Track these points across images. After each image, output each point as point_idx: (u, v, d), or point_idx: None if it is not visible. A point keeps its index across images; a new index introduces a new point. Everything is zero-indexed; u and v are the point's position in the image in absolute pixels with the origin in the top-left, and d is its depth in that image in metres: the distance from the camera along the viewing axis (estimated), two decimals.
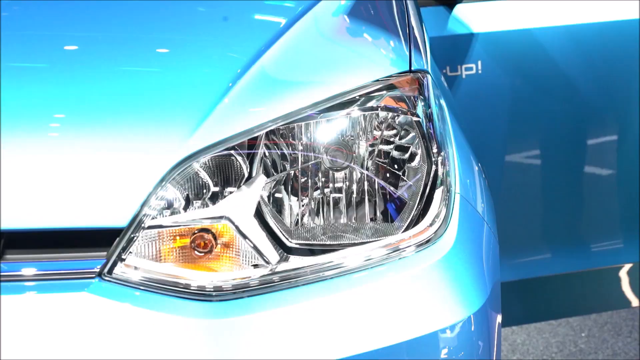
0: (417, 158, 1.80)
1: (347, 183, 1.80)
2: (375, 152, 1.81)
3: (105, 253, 1.62)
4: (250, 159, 1.71)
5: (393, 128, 1.81)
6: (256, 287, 1.65)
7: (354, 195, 1.80)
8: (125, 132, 1.65)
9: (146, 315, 1.59)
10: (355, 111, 1.77)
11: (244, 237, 1.66)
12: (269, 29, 1.89)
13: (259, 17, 2.01)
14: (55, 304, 1.57)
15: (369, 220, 1.79)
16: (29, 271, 1.61)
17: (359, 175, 1.81)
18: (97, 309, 1.58)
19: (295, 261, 1.68)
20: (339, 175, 1.80)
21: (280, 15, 1.95)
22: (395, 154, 1.81)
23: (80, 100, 1.69)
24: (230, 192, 1.69)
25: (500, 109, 2.87)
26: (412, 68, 1.87)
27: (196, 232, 1.68)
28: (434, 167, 1.78)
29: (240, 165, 1.71)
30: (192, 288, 1.64)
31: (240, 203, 1.67)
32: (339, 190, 1.80)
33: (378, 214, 1.79)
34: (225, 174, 1.71)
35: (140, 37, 1.87)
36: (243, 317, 1.61)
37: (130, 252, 1.63)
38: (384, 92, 1.79)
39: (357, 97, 1.77)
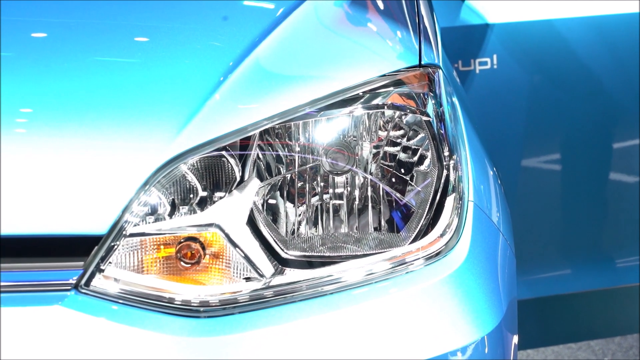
0: (427, 161, 1.82)
1: (349, 188, 1.83)
2: (380, 155, 1.83)
3: (82, 263, 1.64)
4: (243, 160, 1.73)
5: (400, 128, 1.84)
6: (248, 302, 1.67)
7: (356, 202, 1.83)
8: (105, 130, 1.67)
9: (126, 332, 1.61)
10: (358, 109, 1.80)
11: (235, 247, 1.69)
12: (264, 18, 1.91)
13: (253, 5, 2.03)
14: (26, 318, 1.59)
15: (373, 230, 1.81)
16: None
17: (361, 180, 1.83)
18: (73, 325, 1.60)
19: (291, 274, 1.71)
20: (340, 179, 1.83)
21: (276, 3, 1.97)
22: (402, 156, 1.84)
23: (54, 94, 1.71)
24: (221, 197, 1.71)
25: (518, 108, 2.89)
26: (422, 62, 1.89)
27: (182, 241, 1.70)
28: (445, 171, 1.81)
29: (231, 167, 1.73)
30: (177, 302, 1.66)
31: (231, 209, 1.69)
32: (340, 196, 1.82)
33: (382, 223, 1.82)
34: (215, 177, 1.73)
35: (122, 25, 1.89)
36: (233, 335, 1.63)
37: (109, 263, 1.66)
38: (391, 88, 1.81)
39: (361, 94, 1.80)
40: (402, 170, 1.83)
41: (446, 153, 1.82)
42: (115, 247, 1.65)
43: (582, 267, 3.05)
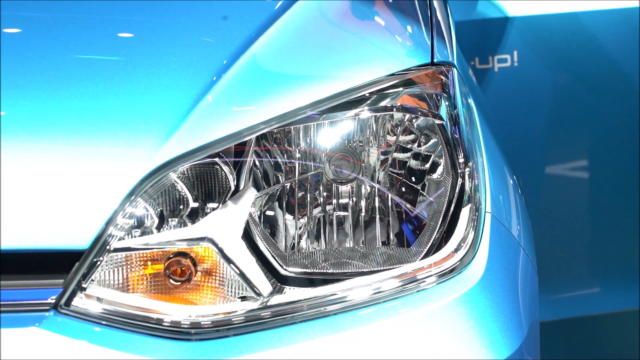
0: (440, 169, 1.83)
1: (354, 199, 1.84)
2: (389, 162, 1.84)
3: (62, 281, 1.65)
4: (238, 168, 1.74)
5: (411, 132, 1.85)
6: (243, 324, 1.68)
7: (363, 214, 1.84)
8: (87, 135, 1.67)
9: (110, 356, 1.62)
10: (364, 111, 1.81)
11: (230, 263, 1.69)
12: (261, 12, 1.92)
13: None
14: (1, 341, 1.60)
15: (381, 244, 1.82)
16: None
17: (368, 189, 1.84)
18: (51, 348, 1.61)
19: (290, 293, 1.72)
20: (345, 189, 1.84)
21: None
22: (413, 163, 1.85)
23: (32, 97, 1.71)
24: (214, 209, 1.73)
25: (540, 110, 2.90)
26: (435, 60, 1.90)
27: (172, 256, 1.71)
28: (460, 180, 1.81)
29: (225, 175, 1.74)
30: (165, 324, 1.67)
31: (225, 222, 1.70)
32: (344, 207, 1.83)
33: (391, 237, 1.83)
34: (208, 187, 1.74)
35: (105, 20, 1.90)
36: None
37: (92, 280, 1.66)
38: (400, 88, 1.82)
39: (368, 95, 1.81)
40: (413, 179, 1.84)
41: (461, 160, 1.82)
42: (98, 263, 1.66)
43: (612, 286, 3.06)
